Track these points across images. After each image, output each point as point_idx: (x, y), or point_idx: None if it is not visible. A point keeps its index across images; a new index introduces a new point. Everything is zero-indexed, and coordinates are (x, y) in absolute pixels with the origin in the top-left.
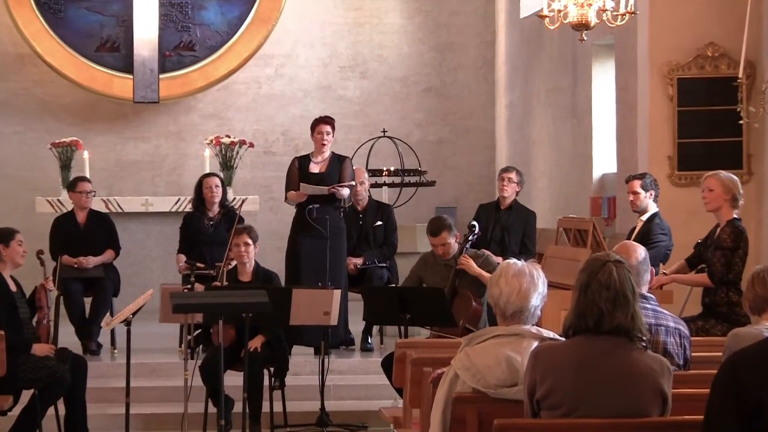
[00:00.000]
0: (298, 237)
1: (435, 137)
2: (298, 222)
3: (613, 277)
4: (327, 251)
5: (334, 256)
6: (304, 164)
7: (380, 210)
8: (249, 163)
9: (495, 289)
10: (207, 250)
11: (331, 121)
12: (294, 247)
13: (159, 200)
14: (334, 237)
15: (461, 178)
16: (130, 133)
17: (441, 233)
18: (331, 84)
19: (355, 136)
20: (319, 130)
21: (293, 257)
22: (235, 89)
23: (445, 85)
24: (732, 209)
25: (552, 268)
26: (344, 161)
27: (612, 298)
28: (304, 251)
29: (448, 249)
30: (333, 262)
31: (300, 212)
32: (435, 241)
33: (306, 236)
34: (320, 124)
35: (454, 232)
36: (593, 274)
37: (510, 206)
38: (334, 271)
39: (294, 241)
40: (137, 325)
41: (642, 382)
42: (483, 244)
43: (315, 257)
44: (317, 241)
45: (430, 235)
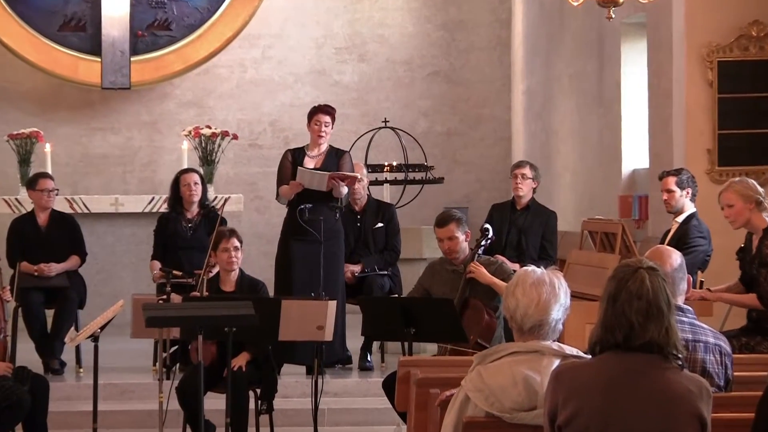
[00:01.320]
0: (289, 241)
1: (443, 128)
2: (290, 224)
3: (645, 285)
4: (321, 257)
5: (330, 262)
6: (298, 158)
7: (381, 210)
8: (232, 157)
9: (511, 300)
10: (185, 256)
11: (331, 111)
12: (285, 253)
13: (130, 199)
14: (330, 241)
15: (473, 174)
16: (97, 124)
17: (448, 224)
18: (325, 68)
19: (352, 126)
20: (316, 120)
21: (284, 264)
22: (217, 74)
23: (455, 69)
24: (761, 213)
25: (575, 276)
26: (343, 156)
27: (644, 310)
28: (297, 257)
29: (455, 246)
30: (328, 270)
31: (292, 213)
32: (441, 233)
33: (299, 240)
34: (318, 114)
35: (464, 227)
36: (623, 282)
37: (527, 206)
38: (329, 279)
39: (285, 246)
40: (106, 340)
41: (678, 405)
42: (497, 250)
43: (308, 264)
44: (311, 246)
45: (436, 226)
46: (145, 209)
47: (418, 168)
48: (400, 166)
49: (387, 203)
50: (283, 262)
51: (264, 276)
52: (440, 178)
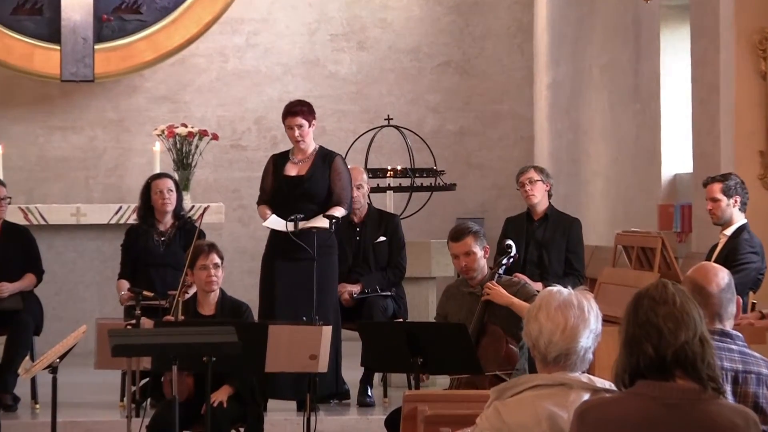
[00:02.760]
0: (275, 260)
1: (455, 126)
2: (276, 239)
3: (669, 291)
4: (314, 277)
5: (322, 282)
6: (281, 164)
7: (383, 222)
8: (212, 160)
9: (533, 326)
10: (157, 275)
11: (302, 109)
12: (270, 273)
13: (94, 209)
14: (322, 258)
15: (489, 179)
16: (56, 122)
17: (465, 237)
18: (319, 57)
19: (350, 125)
20: (288, 125)
21: (268, 286)
22: (194, 64)
23: (469, 59)
24: None
25: (608, 297)
26: (334, 160)
27: (671, 314)
28: (283, 278)
29: (473, 263)
30: (321, 291)
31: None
32: (456, 248)
33: (286, 259)
34: (287, 118)
35: (483, 241)
36: (642, 291)
37: (544, 215)
38: (321, 301)
39: (270, 266)
40: (66, 372)
41: None
42: (516, 268)
43: (296, 286)
44: (300, 265)
45: (451, 240)
46: (111, 220)
47: (426, 173)
48: (406, 170)
49: (390, 213)
50: (268, 283)
51: (248, 297)
52: (452, 184)
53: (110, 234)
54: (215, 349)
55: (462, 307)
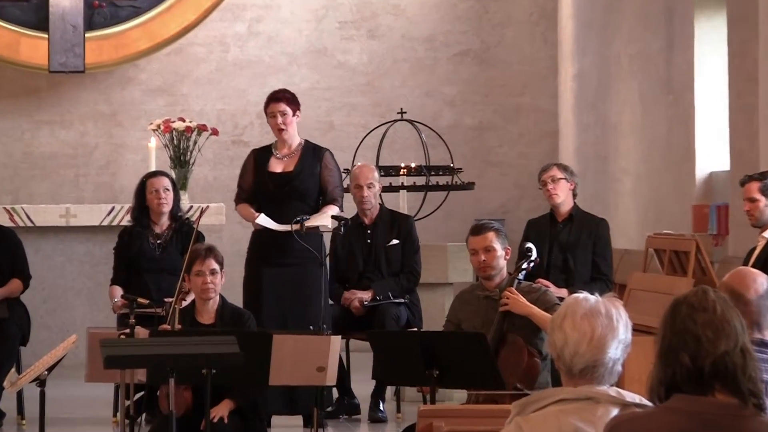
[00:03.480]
0: (261, 267)
1: (473, 121)
2: (260, 242)
3: (709, 297)
4: (322, 282)
5: (314, 288)
6: (263, 160)
7: (396, 223)
8: (211, 157)
9: (558, 336)
10: (152, 280)
11: (285, 96)
12: (254, 281)
13: (85, 210)
14: (312, 261)
15: (510, 178)
16: (43, 116)
17: (485, 232)
18: (327, 46)
19: (360, 119)
20: (270, 112)
21: (253, 295)
22: (192, 54)
23: (488, 48)
24: None
25: (639, 304)
26: (323, 156)
27: (710, 322)
28: (270, 286)
29: (492, 259)
30: (313, 297)
31: (261, 230)
32: (476, 242)
33: (272, 265)
34: (270, 104)
35: (504, 241)
36: (681, 298)
37: (569, 216)
38: (314, 309)
39: (254, 272)
40: (55, 385)
41: None
42: (539, 274)
43: (285, 293)
44: (289, 270)
45: (471, 234)
46: (103, 222)
47: (443, 170)
48: (420, 168)
49: (404, 215)
50: (253, 291)
51: None
52: (470, 183)
53: (102, 236)
54: (215, 361)
55: (478, 313)
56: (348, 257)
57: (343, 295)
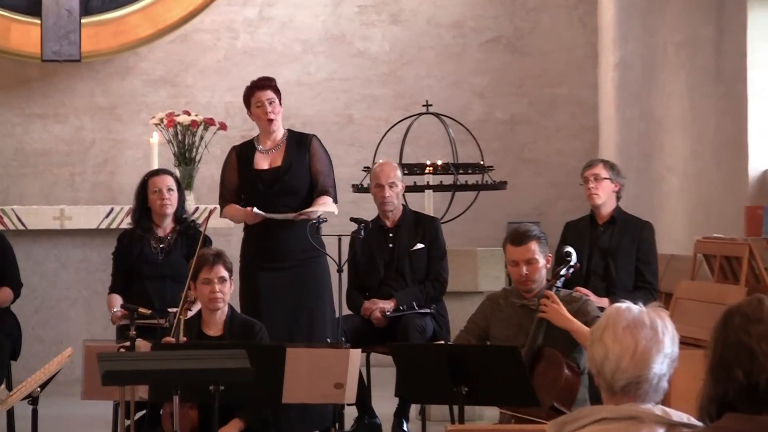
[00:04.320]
0: (256, 271)
1: (505, 114)
2: (252, 246)
3: (765, 307)
4: (317, 284)
5: (317, 292)
6: (246, 157)
7: (421, 226)
8: (219, 154)
9: (598, 349)
10: (155, 288)
11: (271, 83)
12: (250, 287)
13: (81, 212)
14: (311, 262)
15: (546, 176)
16: (35, 108)
17: (527, 242)
18: (345, 33)
19: (382, 112)
20: (257, 101)
21: (250, 301)
22: (198, 41)
23: (522, 35)
24: None
25: (686, 315)
26: (310, 143)
27: (765, 335)
28: (267, 292)
29: (535, 272)
30: (316, 303)
31: (253, 231)
32: (517, 253)
33: (268, 269)
34: (255, 93)
35: (545, 249)
36: (734, 308)
37: (611, 218)
38: (317, 316)
39: (250, 277)
40: (49, 402)
41: None
42: (578, 281)
43: (284, 298)
44: (287, 273)
45: (511, 243)
46: (100, 225)
47: (472, 169)
48: (447, 166)
49: (429, 217)
50: (250, 298)
51: None
52: (501, 182)
53: (100, 241)
54: (223, 376)
55: (510, 322)
56: (368, 263)
57: (363, 304)
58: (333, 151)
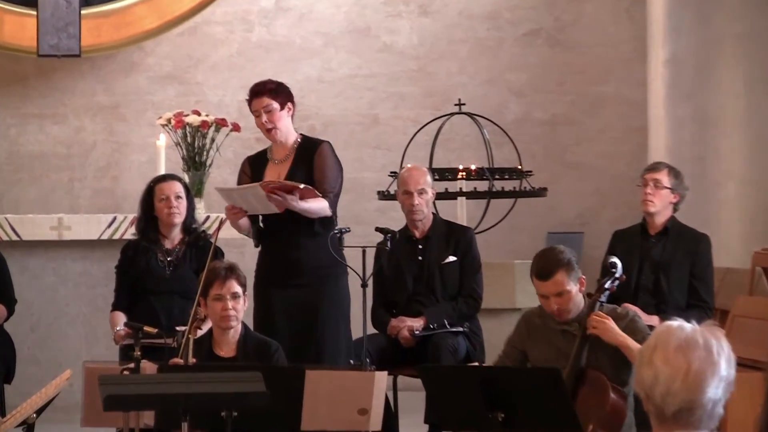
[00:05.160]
0: (270, 289)
1: (546, 114)
2: (267, 262)
3: None
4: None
5: (334, 312)
6: (258, 169)
7: (453, 237)
8: (232, 157)
9: (647, 372)
10: (161, 305)
11: (268, 88)
12: (264, 306)
13: (81, 221)
14: (329, 279)
15: (590, 182)
16: (31, 108)
17: (554, 274)
18: (370, 25)
19: (410, 112)
20: (253, 111)
21: (264, 322)
22: (209, 34)
23: (563, 27)
24: None
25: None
26: (318, 148)
27: None
28: (281, 311)
29: (566, 303)
30: (333, 323)
31: (267, 247)
32: (544, 287)
33: (282, 286)
34: (253, 101)
35: (577, 272)
36: None
37: (664, 229)
38: (333, 337)
39: (263, 296)
40: (45, 430)
41: None
42: (625, 296)
43: (299, 318)
44: (302, 291)
45: (536, 277)
46: (102, 235)
47: (509, 174)
48: (482, 170)
49: (462, 227)
50: (264, 318)
51: None
52: (541, 189)
53: (101, 253)
54: (237, 401)
55: (549, 346)
56: (395, 277)
57: (389, 323)
58: (357, 155)
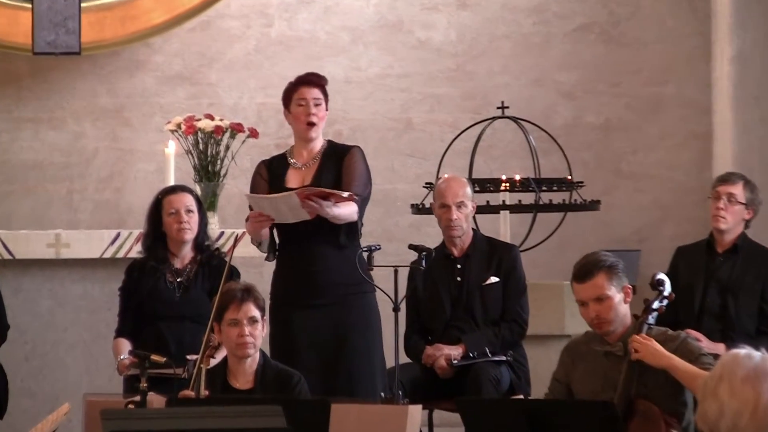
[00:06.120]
0: (289, 310)
1: (598, 119)
2: (285, 280)
3: None
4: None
5: (364, 336)
6: (277, 173)
7: (495, 255)
8: (249, 167)
9: (711, 405)
10: (170, 331)
11: (321, 81)
12: (283, 329)
13: (80, 237)
14: (357, 298)
15: (649, 194)
16: (26, 111)
17: (593, 275)
18: (403, 19)
19: (448, 115)
20: (300, 98)
21: (283, 346)
22: (224, 29)
23: (618, 22)
24: None
25: None
26: (349, 153)
27: None
28: (303, 335)
29: (607, 311)
30: (364, 349)
31: (285, 262)
32: (582, 291)
33: (303, 307)
34: (301, 88)
35: (622, 280)
36: None
37: (733, 247)
38: (363, 365)
39: (282, 318)
40: None
41: None
42: (688, 321)
43: (323, 342)
44: (324, 311)
45: (575, 280)
46: (104, 254)
47: (557, 184)
48: (527, 181)
49: (505, 244)
50: (283, 343)
51: None
52: (594, 201)
53: (103, 273)
54: None
55: (595, 373)
56: (431, 300)
57: (424, 351)
58: (388, 164)
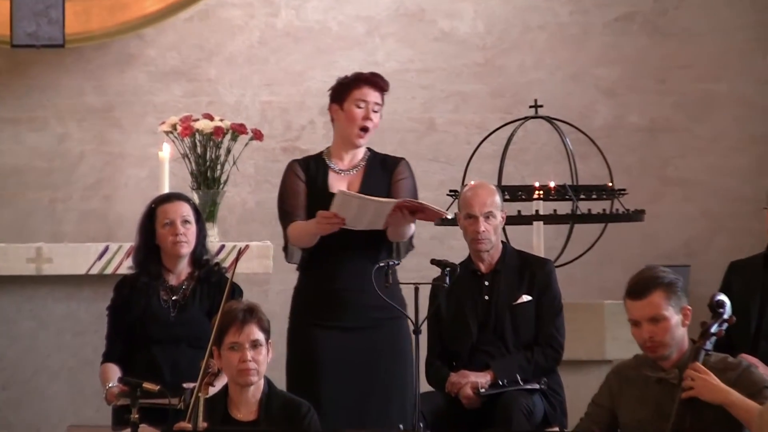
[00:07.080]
0: (312, 330)
1: (642, 119)
2: (310, 296)
3: None
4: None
5: (395, 362)
6: (317, 173)
7: (528, 271)
8: (253, 172)
9: None
10: (165, 356)
11: (386, 87)
12: (304, 352)
13: (65, 251)
14: (389, 323)
15: (700, 204)
16: (4, 111)
17: (650, 292)
18: (424, 7)
19: (475, 115)
20: (359, 97)
21: (303, 372)
22: (225, 20)
23: (665, 11)
24: None
25: None
26: (397, 166)
27: None
28: (327, 360)
29: (663, 334)
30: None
31: (312, 277)
32: (637, 309)
33: (328, 328)
34: (363, 86)
35: (681, 299)
36: None
37: None
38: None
39: (304, 338)
40: None
41: None
42: (742, 344)
43: (350, 369)
44: (353, 335)
45: (628, 296)
46: (91, 269)
47: (597, 192)
48: (564, 188)
49: (539, 258)
50: (303, 368)
51: None
52: (637, 211)
53: (90, 291)
54: None
55: (645, 402)
56: (455, 322)
57: (448, 378)
58: None
